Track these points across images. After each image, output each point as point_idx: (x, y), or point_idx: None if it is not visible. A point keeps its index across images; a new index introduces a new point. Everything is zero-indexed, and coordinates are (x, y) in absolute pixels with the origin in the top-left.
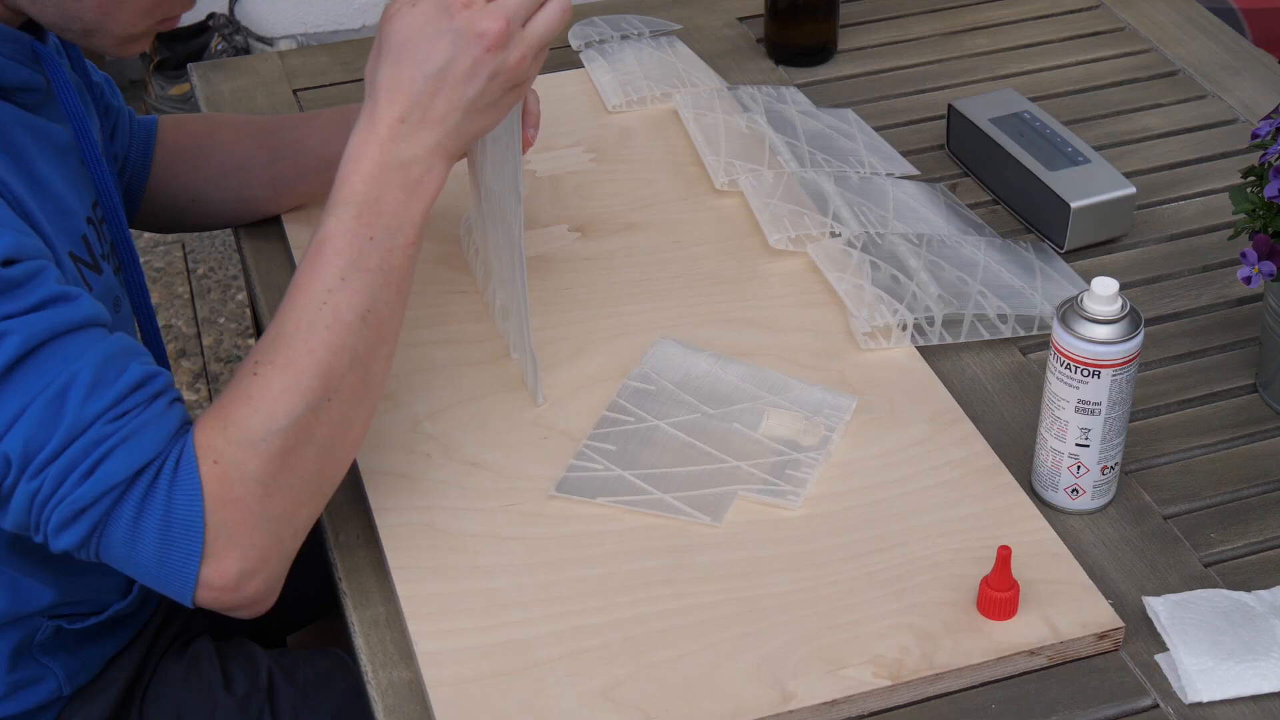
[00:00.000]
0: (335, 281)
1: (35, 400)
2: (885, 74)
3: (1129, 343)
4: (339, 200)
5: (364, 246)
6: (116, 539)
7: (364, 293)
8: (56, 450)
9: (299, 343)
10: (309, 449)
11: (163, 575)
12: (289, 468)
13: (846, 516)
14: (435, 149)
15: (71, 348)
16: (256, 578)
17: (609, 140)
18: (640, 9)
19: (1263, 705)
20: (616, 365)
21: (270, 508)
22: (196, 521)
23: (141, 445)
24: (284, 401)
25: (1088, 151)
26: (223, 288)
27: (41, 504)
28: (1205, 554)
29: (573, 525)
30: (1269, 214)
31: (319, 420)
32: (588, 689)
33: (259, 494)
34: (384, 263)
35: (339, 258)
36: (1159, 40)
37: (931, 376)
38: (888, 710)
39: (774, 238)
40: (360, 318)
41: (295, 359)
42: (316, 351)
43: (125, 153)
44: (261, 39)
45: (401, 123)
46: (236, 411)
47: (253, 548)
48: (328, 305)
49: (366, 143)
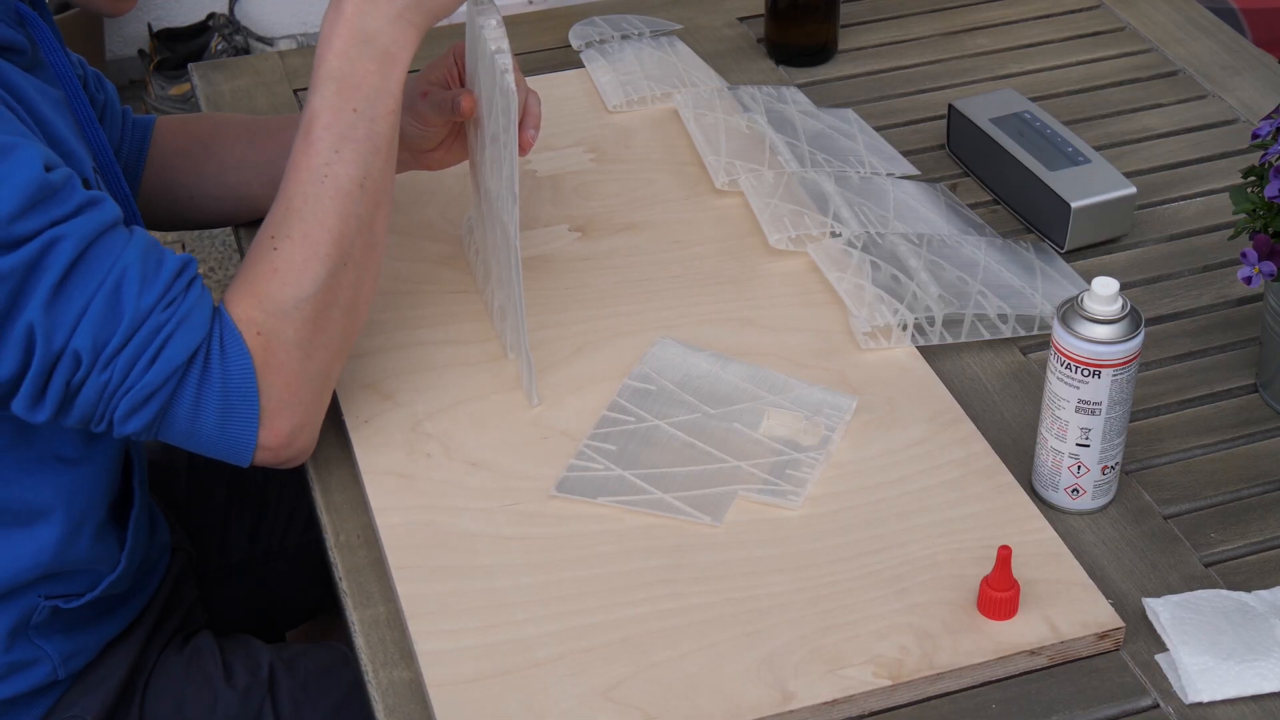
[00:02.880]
0: (330, 155)
1: (95, 297)
2: (885, 74)
3: (1129, 343)
4: (318, 78)
5: (349, 119)
6: (181, 417)
7: (358, 162)
8: (122, 342)
9: (309, 215)
10: (335, 310)
11: (223, 443)
12: (321, 329)
13: (846, 516)
14: (399, 19)
15: (114, 245)
16: (304, 432)
17: (609, 140)
18: (640, 9)
19: (1263, 705)
20: (616, 365)
21: (309, 368)
22: (251, 389)
23: (193, 327)
24: (308, 270)
25: (1088, 151)
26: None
27: (111, 393)
28: (1205, 554)
29: (573, 525)
30: (1269, 214)
31: (340, 283)
32: (588, 689)
33: (299, 357)
34: (370, 131)
35: (329, 132)
36: (1159, 40)
37: (931, 376)
38: (888, 710)
39: (774, 238)
40: (359, 185)
41: (309, 231)
42: (326, 221)
43: (119, 148)
44: (261, 39)
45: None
46: (265, 284)
47: (300, 405)
48: (328, 178)
49: (335, 21)
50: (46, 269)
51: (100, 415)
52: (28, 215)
